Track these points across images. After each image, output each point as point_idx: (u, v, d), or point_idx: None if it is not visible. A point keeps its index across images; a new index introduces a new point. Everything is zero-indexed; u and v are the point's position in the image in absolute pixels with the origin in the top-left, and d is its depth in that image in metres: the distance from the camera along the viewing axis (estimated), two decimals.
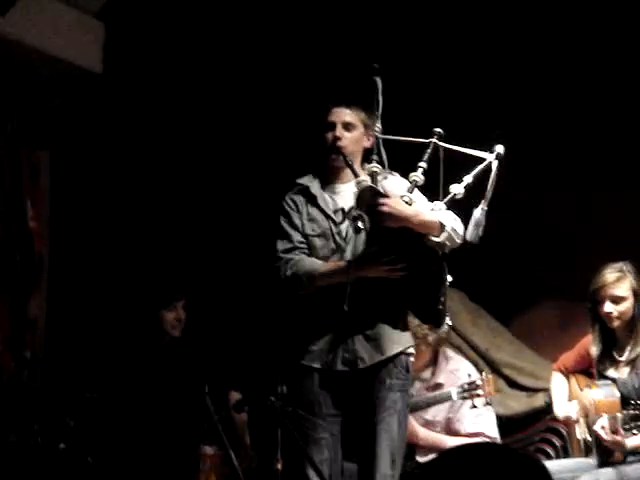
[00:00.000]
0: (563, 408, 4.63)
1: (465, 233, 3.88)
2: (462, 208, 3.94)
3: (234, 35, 5.71)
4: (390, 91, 3.95)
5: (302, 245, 4.03)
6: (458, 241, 3.90)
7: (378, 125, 3.95)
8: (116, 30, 5.65)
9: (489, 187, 3.90)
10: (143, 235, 5.76)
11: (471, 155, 3.95)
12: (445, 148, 3.93)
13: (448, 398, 4.76)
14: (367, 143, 4.06)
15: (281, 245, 4.04)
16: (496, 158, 3.93)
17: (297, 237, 4.03)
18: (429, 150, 3.95)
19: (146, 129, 5.80)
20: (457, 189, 3.90)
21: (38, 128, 5.51)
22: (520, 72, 5.47)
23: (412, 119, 4.08)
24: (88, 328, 5.55)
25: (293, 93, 5.58)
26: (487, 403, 4.77)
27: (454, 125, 4.02)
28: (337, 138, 4.01)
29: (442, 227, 3.85)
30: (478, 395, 4.72)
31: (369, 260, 3.87)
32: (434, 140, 3.97)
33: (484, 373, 4.85)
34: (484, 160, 3.91)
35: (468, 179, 3.92)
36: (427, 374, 4.89)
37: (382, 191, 3.87)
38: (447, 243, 3.86)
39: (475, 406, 4.76)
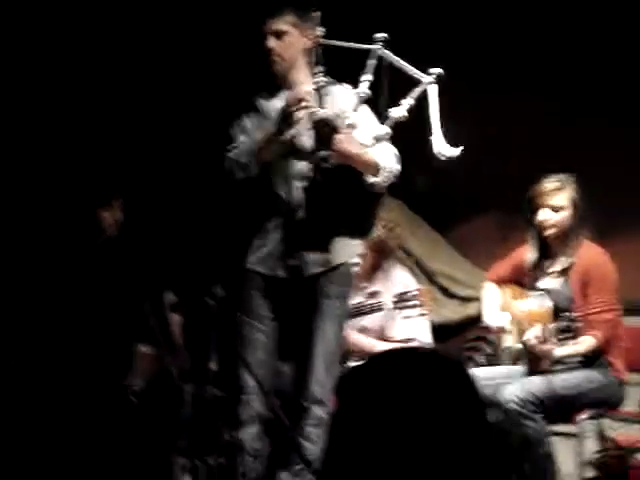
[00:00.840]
0: (494, 318, 4.68)
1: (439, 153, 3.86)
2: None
3: None
4: None
5: None
6: (393, 180, 3.94)
7: (320, 28, 3.92)
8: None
9: (432, 110, 3.85)
10: (81, 133, 5.67)
11: (409, 70, 3.90)
12: (386, 60, 3.87)
13: (383, 306, 4.81)
14: (306, 44, 4.01)
15: (229, 146, 4.05)
16: (435, 80, 3.88)
17: (243, 139, 4.04)
18: (373, 60, 3.89)
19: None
20: (398, 112, 3.87)
21: None
22: None
23: (352, 20, 4.05)
24: (23, 226, 5.48)
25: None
26: (422, 314, 4.83)
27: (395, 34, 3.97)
28: (270, 49, 4.00)
29: (379, 168, 3.88)
30: (413, 305, 4.77)
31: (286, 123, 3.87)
32: (377, 47, 3.91)
33: (419, 284, 4.90)
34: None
35: (408, 101, 3.87)
36: (365, 282, 4.92)
37: (330, 109, 3.85)
38: (382, 183, 3.91)
39: (409, 316, 4.81)
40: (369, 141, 3.91)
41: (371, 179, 3.90)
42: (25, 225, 5.36)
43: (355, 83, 3.95)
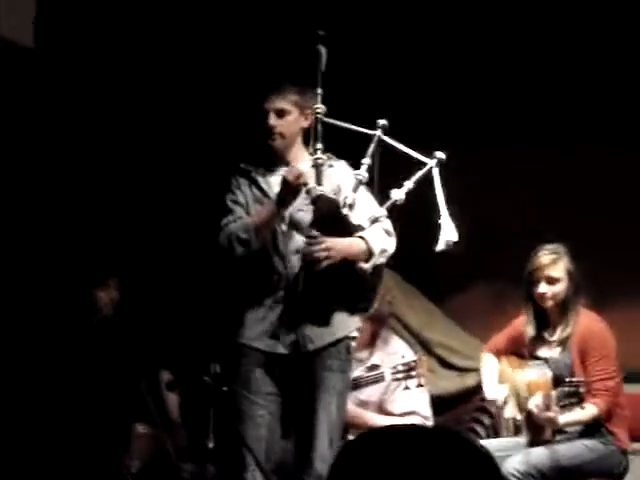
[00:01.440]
0: (493, 391, 4.67)
1: (437, 243, 3.94)
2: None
3: (169, 10, 5.67)
4: (334, 65, 3.95)
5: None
6: (385, 260, 4.00)
7: (321, 106, 3.96)
8: (48, 3, 5.56)
9: (439, 195, 3.93)
10: (76, 212, 5.68)
11: (410, 154, 3.98)
12: (387, 144, 3.96)
13: (382, 379, 4.79)
14: (304, 123, 4.07)
15: (224, 220, 4.04)
16: (437, 164, 3.98)
17: (240, 212, 4.04)
18: (373, 144, 3.97)
19: (79, 105, 5.72)
20: (398, 195, 3.95)
21: None
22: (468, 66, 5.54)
23: (355, 100, 4.10)
24: (18, 307, 5.46)
25: (237, 75, 5.55)
26: (420, 384, 4.81)
27: (397, 116, 4.03)
28: (270, 127, 4.03)
29: (371, 254, 3.92)
30: (411, 376, 4.75)
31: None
32: (378, 133, 3.99)
33: (417, 354, 4.89)
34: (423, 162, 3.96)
35: (409, 184, 3.96)
36: (364, 354, 4.90)
37: (328, 185, 3.91)
38: (371, 269, 3.95)
39: (408, 387, 4.79)
40: (365, 222, 3.96)
41: (361, 264, 3.93)
42: (23, 305, 5.36)
43: (352, 159, 3.99)
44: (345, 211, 3.92)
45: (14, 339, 5.09)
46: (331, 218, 3.92)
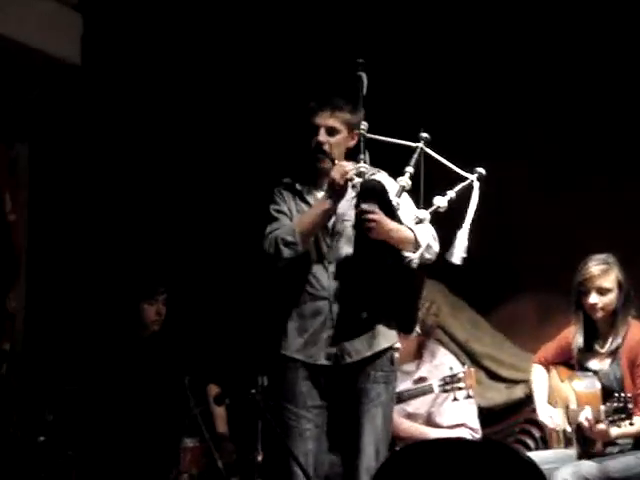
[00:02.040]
0: (546, 414, 4.62)
1: (449, 254, 3.96)
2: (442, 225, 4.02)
3: (216, 27, 5.70)
4: (375, 87, 3.97)
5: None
6: (431, 258, 3.97)
7: (364, 123, 3.97)
8: (94, 21, 5.62)
9: (471, 208, 3.96)
10: (124, 227, 5.73)
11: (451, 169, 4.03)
12: (429, 156, 3.99)
13: (430, 391, 4.78)
14: (351, 143, 4.07)
15: (269, 228, 4.03)
16: (478, 179, 4.03)
17: (285, 220, 4.03)
18: (416, 155, 4.00)
19: (126, 121, 5.77)
20: (441, 202, 3.99)
21: (16, 121, 5.48)
22: (511, 78, 5.51)
23: (396, 118, 4.12)
24: (68, 321, 5.52)
25: (279, 91, 5.57)
26: (468, 396, 4.79)
27: (438, 129, 4.06)
28: (321, 143, 4.01)
29: (418, 244, 3.90)
30: (459, 388, 4.74)
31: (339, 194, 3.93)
32: (420, 145, 4.03)
33: (465, 366, 4.87)
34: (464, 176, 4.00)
35: (452, 194, 4.01)
36: (411, 367, 4.90)
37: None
38: (418, 259, 3.92)
39: (457, 399, 4.78)
40: (410, 223, 3.96)
41: (409, 254, 3.91)
42: (76, 316, 5.43)
43: (395, 175, 4.02)
44: (393, 199, 3.91)
45: (67, 353, 5.15)
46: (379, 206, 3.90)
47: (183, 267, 5.62)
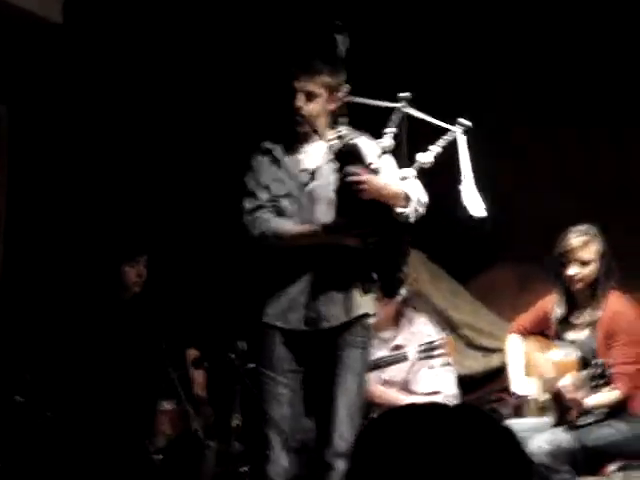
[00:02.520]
0: (521, 386, 4.63)
1: (466, 210, 3.89)
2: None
3: None
4: (354, 49, 3.91)
5: (269, 204, 3.99)
6: (422, 211, 3.91)
7: (346, 85, 3.94)
8: None
9: (463, 160, 3.90)
10: (106, 189, 5.70)
11: (434, 124, 3.94)
12: (410, 115, 3.90)
13: (405, 358, 4.79)
14: (332, 105, 4.00)
15: (248, 203, 3.99)
16: (463, 132, 3.93)
17: (264, 195, 3.99)
18: (397, 115, 3.92)
19: (107, 82, 5.73)
20: (424, 158, 3.89)
21: None
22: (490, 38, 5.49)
23: (377, 78, 4.07)
24: (46, 281, 5.50)
25: (259, 53, 5.54)
26: (448, 363, 4.80)
27: (418, 88, 3.99)
28: (298, 108, 3.96)
29: (408, 198, 3.86)
30: (437, 356, 4.74)
31: (340, 229, 3.87)
32: (401, 105, 3.94)
33: (444, 333, 4.88)
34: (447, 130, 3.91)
35: (436, 149, 3.90)
36: (388, 334, 4.90)
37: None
38: (412, 214, 3.88)
39: (432, 367, 4.79)
40: (396, 181, 3.91)
41: (400, 210, 3.86)
42: (55, 280, 5.40)
43: (376, 136, 3.97)
44: (374, 161, 3.86)
45: (46, 313, 5.14)
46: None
47: (164, 230, 5.61)
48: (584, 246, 4.49)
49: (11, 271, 5.55)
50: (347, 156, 3.85)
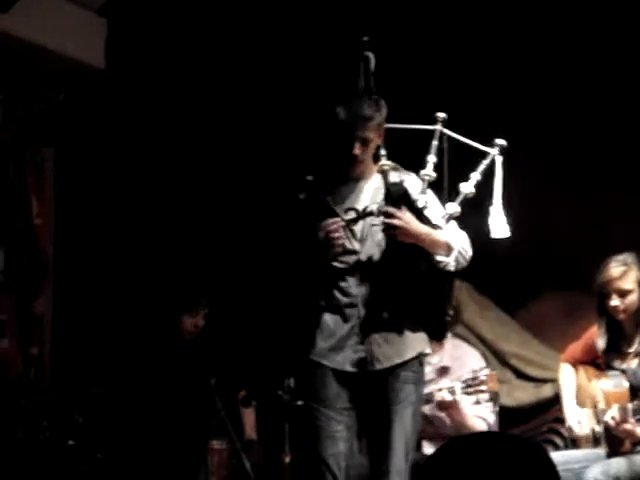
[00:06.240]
0: (574, 417, 4.60)
1: (491, 232, 3.89)
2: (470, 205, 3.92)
3: (236, 29, 5.70)
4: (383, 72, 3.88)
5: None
6: (464, 263, 3.90)
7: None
8: (118, 26, 5.66)
9: (497, 183, 3.87)
10: (151, 235, 5.72)
11: (470, 146, 3.90)
12: (449, 137, 3.87)
13: (452, 394, 4.75)
14: (379, 140, 3.96)
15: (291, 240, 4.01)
16: (500, 152, 3.90)
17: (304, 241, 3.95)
18: (435, 140, 3.88)
19: (151, 125, 5.78)
20: (467, 188, 3.87)
21: (42, 125, 5.51)
22: (522, 63, 5.46)
23: (405, 103, 4.03)
24: (96, 325, 5.54)
25: (301, 87, 5.55)
26: (490, 399, 4.76)
27: (451, 111, 3.95)
28: (357, 156, 3.90)
29: (450, 248, 3.85)
30: (481, 391, 4.70)
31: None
32: (439, 127, 3.90)
33: (488, 369, 4.83)
34: (485, 152, 3.88)
35: (476, 176, 3.87)
36: (434, 359, 4.87)
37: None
38: (452, 263, 3.87)
39: (478, 402, 4.75)
40: (441, 221, 3.89)
41: (442, 258, 3.85)
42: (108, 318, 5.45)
43: (414, 162, 3.94)
44: (419, 199, 3.84)
45: (98, 354, 5.19)
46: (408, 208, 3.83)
47: (222, 278, 5.59)
48: (623, 276, 4.48)
49: (61, 314, 5.60)
50: (397, 199, 3.83)
